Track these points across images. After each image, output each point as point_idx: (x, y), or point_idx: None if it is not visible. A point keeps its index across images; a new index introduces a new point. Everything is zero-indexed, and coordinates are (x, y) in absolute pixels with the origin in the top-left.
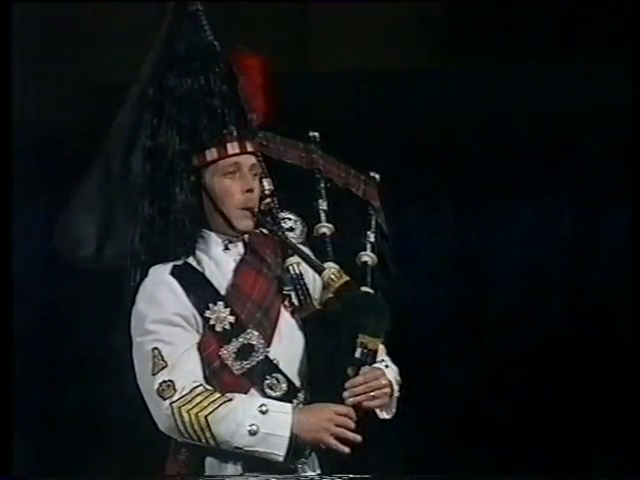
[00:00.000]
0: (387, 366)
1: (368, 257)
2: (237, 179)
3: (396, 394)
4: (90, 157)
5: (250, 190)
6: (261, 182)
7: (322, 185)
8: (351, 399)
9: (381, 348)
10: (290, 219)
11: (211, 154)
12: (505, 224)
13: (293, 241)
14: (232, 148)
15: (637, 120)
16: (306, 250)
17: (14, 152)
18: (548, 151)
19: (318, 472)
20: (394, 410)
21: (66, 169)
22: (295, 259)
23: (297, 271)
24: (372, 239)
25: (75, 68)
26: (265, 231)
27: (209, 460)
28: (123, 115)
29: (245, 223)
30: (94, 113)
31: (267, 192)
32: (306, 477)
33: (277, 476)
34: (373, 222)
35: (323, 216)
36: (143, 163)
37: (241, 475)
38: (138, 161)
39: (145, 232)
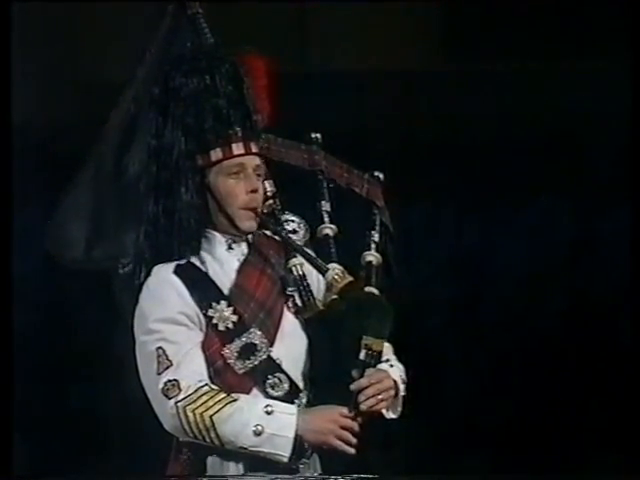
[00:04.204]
0: (392, 365)
1: (373, 257)
2: (241, 179)
3: (402, 393)
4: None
5: (254, 191)
6: (264, 183)
7: (325, 186)
8: (361, 406)
9: (388, 347)
10: (293, 221)
11: (216, 154)
12: (507, 224)
13: (296, 243)
14: (237, 149)
15: (637, 120)
16: (309, 251)
17: (14, 152)
18: (548, 151)
19: (320, 472)
20: (400, 409)
21: (66, 169)
22: (298, 260)
23: (300, 272)
24: (376, 238)
25: (75, 68)
26: (268, 232)
27: (211, 460)
28: (116, 117)
29: (249, 223)
30: (94, 113)
31: (269, 194)
32: (311, 477)
33: (282, 476)
34: (377, 221)
35: (326, 217)
36: (148, 162)
37: (243, 475)
38: (131, 163)
39: (149, 231)
